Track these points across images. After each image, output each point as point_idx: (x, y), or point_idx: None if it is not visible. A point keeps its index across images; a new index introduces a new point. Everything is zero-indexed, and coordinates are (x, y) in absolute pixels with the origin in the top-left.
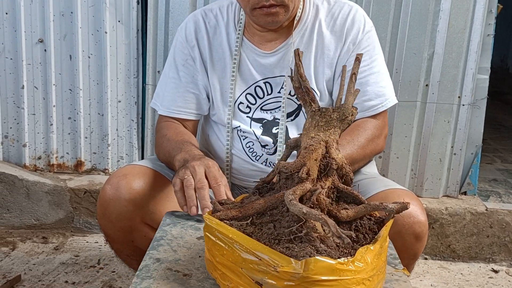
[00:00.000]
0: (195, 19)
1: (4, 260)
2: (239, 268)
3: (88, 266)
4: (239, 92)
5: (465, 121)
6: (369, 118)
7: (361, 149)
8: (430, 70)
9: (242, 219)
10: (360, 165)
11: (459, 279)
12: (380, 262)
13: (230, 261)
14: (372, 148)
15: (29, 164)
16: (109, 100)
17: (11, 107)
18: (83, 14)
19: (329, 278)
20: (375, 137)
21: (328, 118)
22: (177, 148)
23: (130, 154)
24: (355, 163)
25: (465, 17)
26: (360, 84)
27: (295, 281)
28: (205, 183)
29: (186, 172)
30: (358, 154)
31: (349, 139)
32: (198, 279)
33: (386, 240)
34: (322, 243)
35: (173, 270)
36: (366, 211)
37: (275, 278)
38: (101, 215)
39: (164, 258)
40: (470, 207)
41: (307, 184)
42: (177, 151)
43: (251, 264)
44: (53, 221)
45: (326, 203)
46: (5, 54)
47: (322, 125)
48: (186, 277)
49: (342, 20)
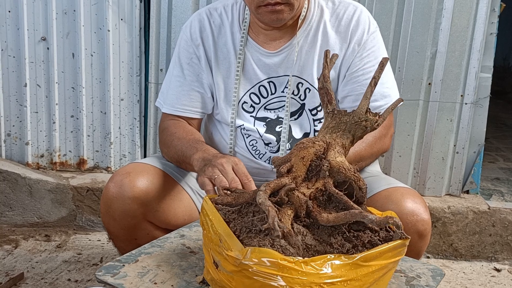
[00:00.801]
0: (200, 18)
1: (7, 258)
2: (208, 247)
3: (91, 264)
4: (243, 92)
5: (468, 120)
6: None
7: (369, 147)
8: (432, 69)
9: (233, 206)
10: (367, 163)
11: (461, 278)
12: (360, 277)
13: (206, 239)
14: (379, 146)
15: (32, 162)
16: (112, 98)
17: (14, 105)
18: (86, 12)
19: (268, 271)
20: (382, 136)
21: (338, 120)
22: (191, 147)
23: (133, 152)
24: (362, 160)
25: (468, 16)
26: (366, 84)
27: (237, 267)
28: (238, 181)
29: (215, 171)
30: (366, 152)
31: None
32: (199, 258)
33: (386, 262)
34: (285, 239)
35: (185, 246)
36: (346, 218)
37: (226, 262)
38: (104, 213)
39: (188, 235)
40: (473, 206)
41: (284, 179)
42: (193, 151)
43: (215, 246)
44: (56, 219)
45: (301, 202)
46: (8, 52)
47: (332, 127)
48: (191, 253)
49: (347, 20)
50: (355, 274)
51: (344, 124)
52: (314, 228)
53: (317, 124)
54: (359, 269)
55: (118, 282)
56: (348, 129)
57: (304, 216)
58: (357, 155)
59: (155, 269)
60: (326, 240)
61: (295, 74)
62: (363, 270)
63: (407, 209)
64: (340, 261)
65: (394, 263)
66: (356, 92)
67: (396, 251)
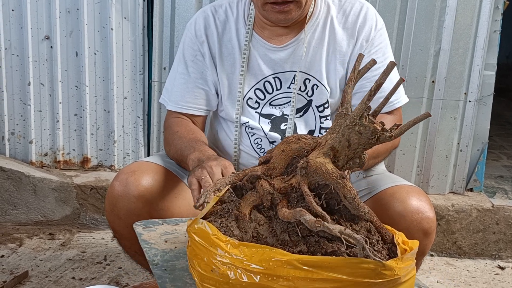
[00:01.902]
0: (204, 15)
1: (11, 256)
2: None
3: (95, 262)
4: (247, 88)
5: (472, 118)
6: (386, 114)
7: (384, 143)
8: (436, 67)
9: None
10: (381, 159)
11: (465, 275)
12: (292, 278)
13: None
14: (393, 142)
15: (36, 160)
16: (115, 97)
17: (18, 103)
18: (89, 11)
19: (201, 242)
20: None
21: (336, 122)
22: (190, 147)
23: (136, 151)
24: (379, 156)
25: (472, 13)
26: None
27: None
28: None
29: (203, 172)
30: (382, 148)
31: None
32: None
33: (333, 276)
34: (236, 221)
35: None
36: (291, 216)
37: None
38: (109, 211)
39: None
40: (476, 204)
41: (257, 168)
42: (191, 150)
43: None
44: (60, 218)
45: (264, 191)
46: (11, 50)
47: (331, 128)
48: None
49: (354, 17)
50: (285, 272)
51: (339, 127)
52: (274, 221)
53: (323, 121)
54: (293, 270)
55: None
56: (342, 132)
57: (269, 207)
58: (375, 150)
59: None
60: (279, 236)
61: (302, 70)
62: (297, 273)
63: (412, 207)
64: (274, 255)
65: (356, 284)
66: (364, 89)
67: (359, 271)
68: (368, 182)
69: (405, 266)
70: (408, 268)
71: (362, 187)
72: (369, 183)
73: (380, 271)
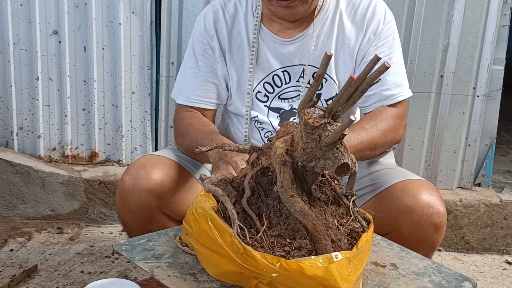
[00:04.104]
0: (214, 9)
1: (20, 250)
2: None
3: (103, 256)
4: (256, 81)
5: (480, 113)
6: (389, 107)
7: (383, 135)
8: (445, 61)
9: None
10: (380, 151)
11: (473, 270)
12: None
13: None
14: (393, 135)
15: (44, 155)
16: (123, 91)
17: (26, 98)
18: (97, 6)
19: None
20: (396, 125)
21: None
22: (207, 139)
23: (144, 146)
24: (376, 148)
25: (481, 8)
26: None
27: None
28: None
29: (229, 168)
30: (380, 140)
31: (372, 124)
32: None
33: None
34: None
35: None
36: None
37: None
38: (119, 205)
39: None
40: (484, 199)
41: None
42: (208, 142)
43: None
44: (68, 212)
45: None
46: (19, 45)
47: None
48: None
49: (363, 10)
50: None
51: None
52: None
53: None
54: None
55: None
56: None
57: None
58: (372, 142)
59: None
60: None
61: (311, 64)
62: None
63: (423, 201)
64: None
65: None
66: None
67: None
68: (379, 176)
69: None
70: None
71: (365, 184)
72: (379, 177)
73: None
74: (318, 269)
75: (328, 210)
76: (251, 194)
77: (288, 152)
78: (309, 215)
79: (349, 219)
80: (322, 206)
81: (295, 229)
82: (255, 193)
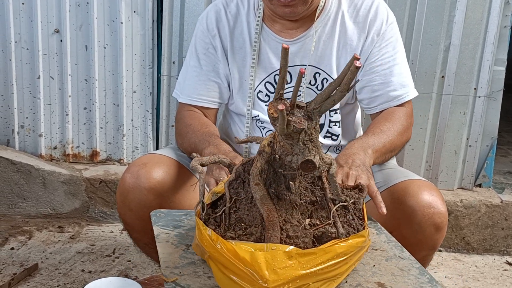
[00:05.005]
0: (216, 8)
1: (21, 249)
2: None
3: (104, 255)
4: (258, 81)
5: (481, 113)
6: (397, 107)
7: (400, 136)
8: (446, 62)
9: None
10: (397, 152)
11: (474, 271)
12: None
13: None
14: (407, 135)
15: (45, 154)
16: (125, 90)
17: (27, 97)
18: (99, 5)
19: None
20: (408, 124)
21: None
22: (204, 141)
23: (145, 145)
24: (395, 149)
25: (482, 8)
26: (385, 74)
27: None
28: None
29: (222, 173)
30: (398, 141)
31: (389, 126)
32: None
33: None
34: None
35: None
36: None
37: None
38: (120, 203)
39: None
40: (485, 200)
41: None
42: (205, 144)
43: None
44: (69, 211)
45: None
46: (21, 44)
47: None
48: None
49: (365, 11)
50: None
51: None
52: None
53: (332, 115)
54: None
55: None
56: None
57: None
58: (392, 144)
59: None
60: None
61: (312, 64)
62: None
63: (424, 202)
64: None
65: None
66: (374, 83)
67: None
68: (381, 175)
69: None
70: None
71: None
72: (382, 177)
73: None
74: (247, 254)
75: (303, 209)
76: (235, 179)
77: (270, 144)
78: (266, 204)
79: (324, 222)
80: (296, 202)
81: (254, 216)
82: (239, 178)
